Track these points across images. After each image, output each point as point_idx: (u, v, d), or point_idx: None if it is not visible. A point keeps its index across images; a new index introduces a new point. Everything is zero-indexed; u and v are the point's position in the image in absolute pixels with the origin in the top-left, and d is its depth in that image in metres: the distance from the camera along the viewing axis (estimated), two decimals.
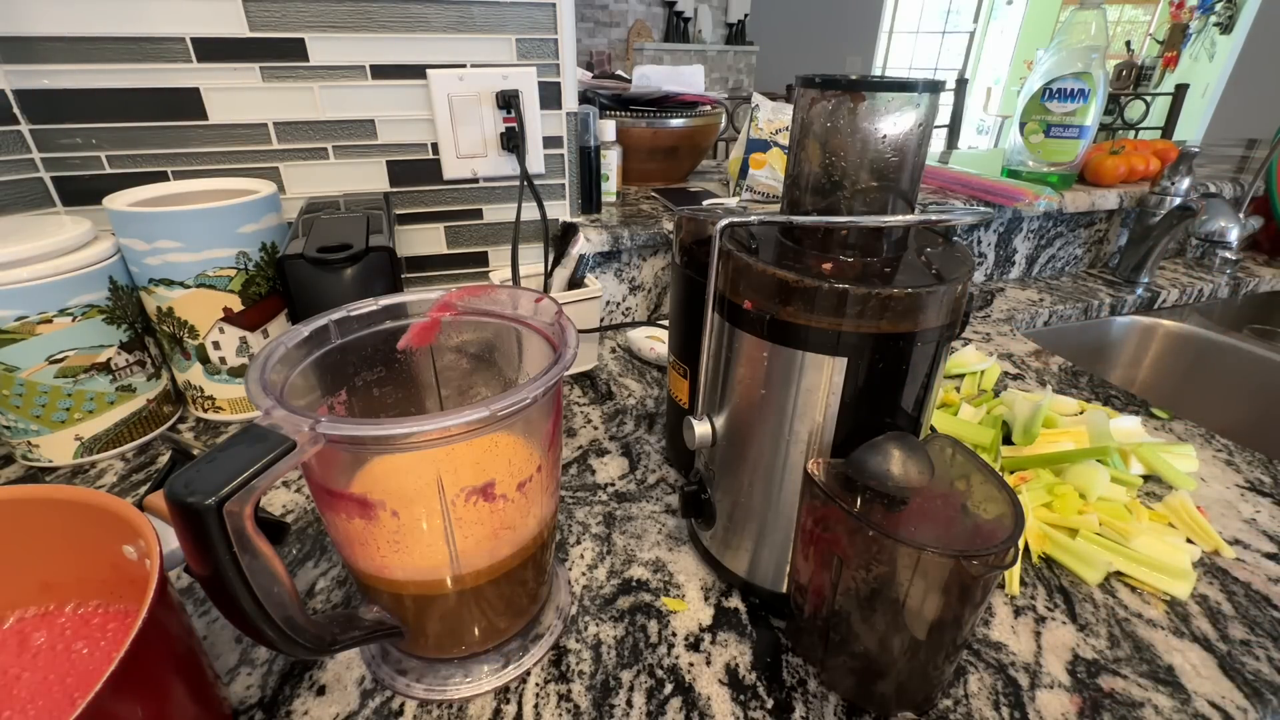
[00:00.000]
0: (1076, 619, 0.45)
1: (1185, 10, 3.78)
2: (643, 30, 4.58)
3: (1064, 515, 0.52)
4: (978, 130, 4.99)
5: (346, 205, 0.67)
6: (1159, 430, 0.67)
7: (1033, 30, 4.67)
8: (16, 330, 0.50)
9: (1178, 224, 1.00)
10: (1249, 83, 3.40)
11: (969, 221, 0.38)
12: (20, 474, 0.56)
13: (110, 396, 0.56)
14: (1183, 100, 2.32)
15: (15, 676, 0.33)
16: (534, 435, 0.37)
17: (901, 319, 0.34)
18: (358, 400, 0.40)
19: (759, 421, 0.39)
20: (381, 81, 0.69)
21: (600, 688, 0.39)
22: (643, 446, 0.63)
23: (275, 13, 0.63)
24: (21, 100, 0.60)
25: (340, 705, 0.38)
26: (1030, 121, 1.06)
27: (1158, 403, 0.73)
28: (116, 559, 0.34)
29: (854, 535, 0.34)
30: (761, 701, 0.39)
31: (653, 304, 0.93)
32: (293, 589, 0.29)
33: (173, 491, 0.24)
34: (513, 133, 0.74)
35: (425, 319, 0.40)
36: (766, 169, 1.00)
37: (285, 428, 0.27)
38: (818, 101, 0.35)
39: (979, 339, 0.90)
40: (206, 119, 0.65)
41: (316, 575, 0.47)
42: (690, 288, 0.49)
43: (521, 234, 0.78)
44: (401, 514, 0.33)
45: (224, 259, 0.57)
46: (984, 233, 1.05)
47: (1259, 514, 0.55)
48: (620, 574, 0.48)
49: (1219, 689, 0.40)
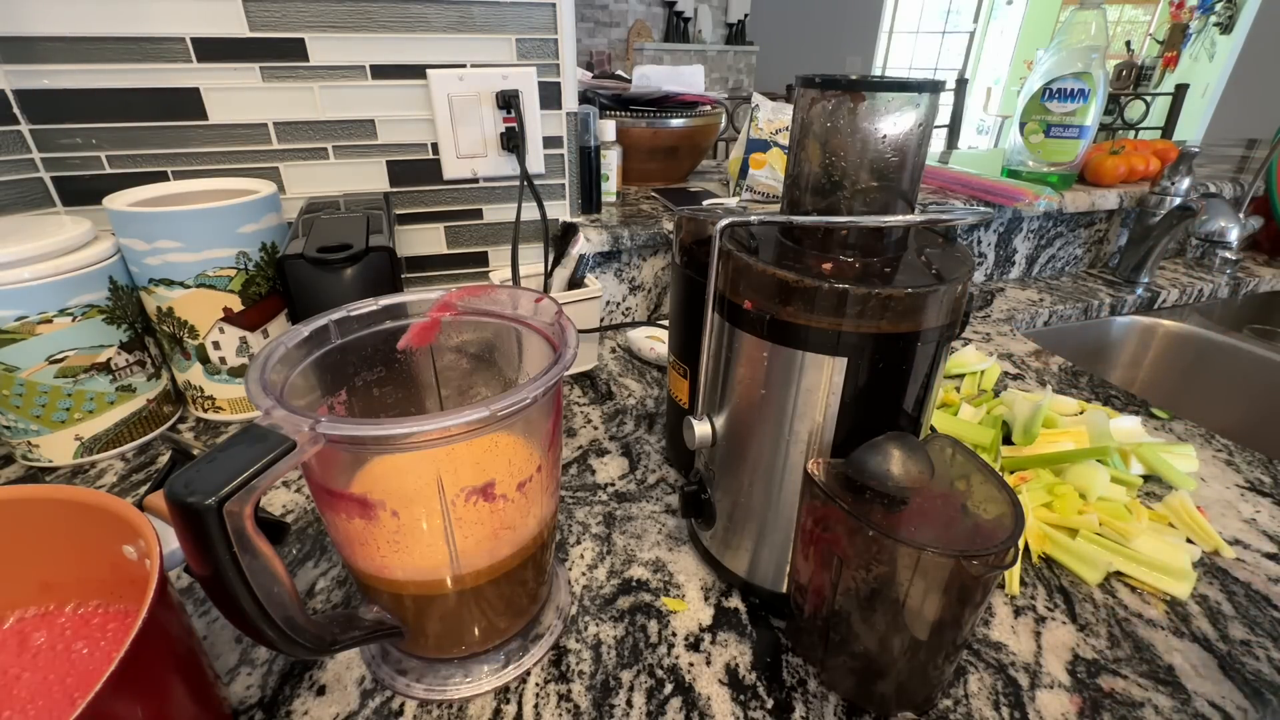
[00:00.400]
0: (1076, 619, 0.45)
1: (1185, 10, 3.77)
2: (643, 30, 4.58)
3: (1064, 515, 0.52)
4: (978, 130, 4.99)
5: (346, 205, 0.67)
6: (1159, 430, 0.67)
7: (1033, 30, 4.67)
8: (16, 330, 0.50)
9: (1178, 224, 1.00)
10: (1249, 83, 3.40)
11: (969, 221, 0.38)
12: (20, 474, 0.56)
13: (110, 396, 0.56)
14: (1183, 100, 2.32)
15: (15, 676, 0.33)
16: (534, 435, 0.37)
17: (901, 319, 0.34)
18: (358, 400, 0.40)
19: (759, 421, 0.39)
20: (381, 81, 0.69)
21: (600, 688, 0.39)
22: (643, 446, 0.63)
23: (275, 13, 0.63)
24: (21, 100, 0.60)
25: (340, 705, 0.38)
26: (1030, 121, 1.06)
27: (1158, 403, 0.73)
28: (116, 559, 0.34)
29: (854, 535, 0.34)
30: (761, 701, 0.39)
31: (653, 304, 0.93)
32: (293, 589, 0.29)
33: (173, 491, 0.24)
34: (513, 133, 0.74)
35: (425, 319, 0.40)
36: (766, 169, 1.00)
37: (285, 428, 0.27)
38: (818, 101, 0.35)
39: (979, 339, 0.90)
40: (206, 119, 0.65)
41: (316, 575, 0.47)
42: (690, 288, 0.49)
43: (521, 234, 0.78)
44: (401, 514, 0.33)
45: (224, 259, 0.57)
46: (984, 233, 1.05)
47: (1259, 514, 0.55)
48: (620, 574, 0.48)
49: (1219, 689, 0.40)
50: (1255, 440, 0.67)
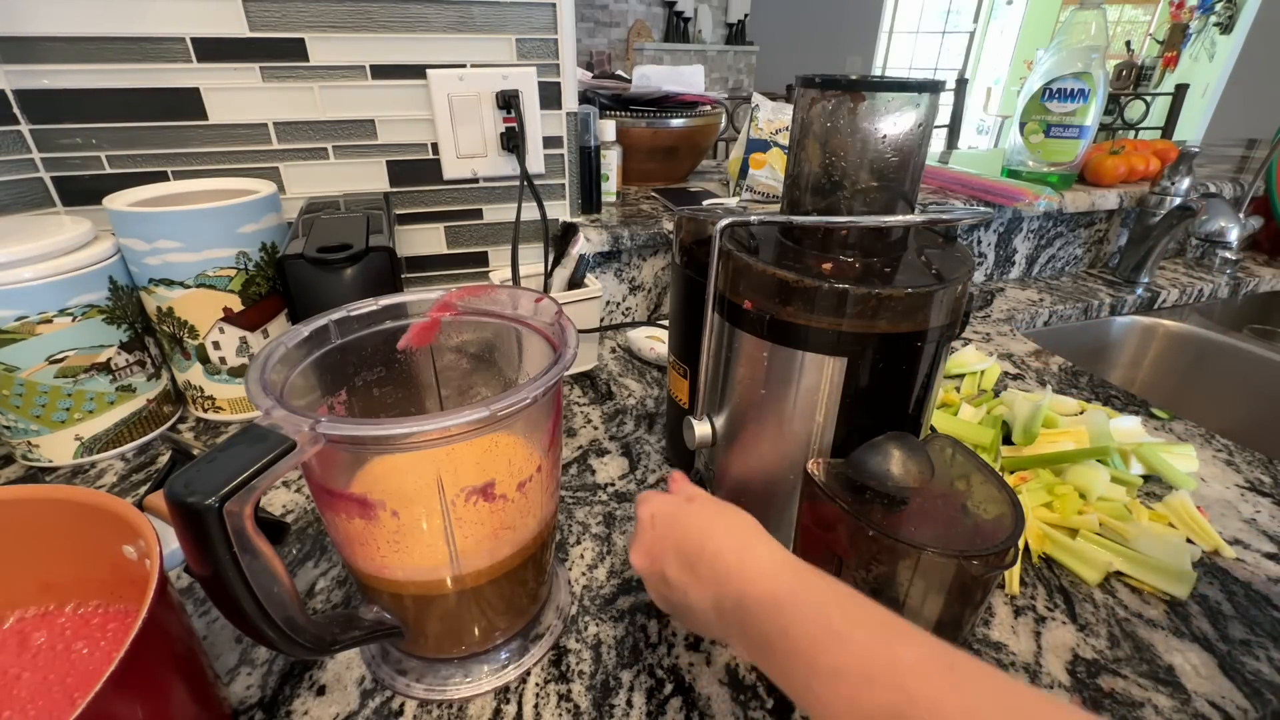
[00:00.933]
0: (1076, 619, 0.45)
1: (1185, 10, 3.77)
2: (643, 30, 4.58)
3: (1064, 515, 0.52)
4: (978, 130, 4.99)
5: (346, 205, 0.67)
6: (1159, 430, 0.67)
7: (1033, 30, 4.67)
8: (16, 330, 0.50)
9: (1178, 224, 1.00)
10: (1249, 83, 3.39)
11: (969, 221, 0.38)
12: (20, 474, 0.56)
13: (110, 396, 0.56)
14: (1183, 100, 2.32)
15: (15, 676, 0.33)
16: (534, 435, 0.37)
17: (901, 319, 0.34)
18: (358, 400, 0.40)
19: (759, 421, 0.39)
20: (381, 81, 0.69)
21: (600, 687, 0.39)
22: (643, 446, 0.63)
23: (275, 13, 0.63)
24: (21, 100, 0.60)
25: (340, 705, 0.38)
26: (1030, 121, 1.06)
27: (1158, 403, 0.73)
28: (116, 559, 0.34)
29: (854, 535, 0.34)
30: (762, 701, 0.39)
31: (653, 304, 0.93)
32: (293, 589, 0.29)
33: (173, 491, 0.24)
34: (513, 133, 0.74)
35: (425, 319, 0.40)
36: (766, 169, 1.00)
37: (285, 428, 0.27)
38: (818, 101, 0.35)
39: (979, 339, 0.90)
40: (206, 119, 0.65)
41: (316, 575, 0.47)
42: (690, 288, 0.49)
43: (521, 234, 0.78)
44: (401, 514, 0.33)
45: (224, 259, 0.57)
46: (984, 233, 1.05)
47: (1259, 514, 0.55)
48: (620, 574, 0.48)
49: (1219, 689, 0.40)
50: (1255, 440, 0.67)
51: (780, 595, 0.28)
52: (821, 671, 0.25)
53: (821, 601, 0.27)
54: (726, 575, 0.30)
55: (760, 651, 0.28)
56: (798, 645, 0.26)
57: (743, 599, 0.29)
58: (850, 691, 0.24)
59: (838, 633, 0.25)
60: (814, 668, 0.25)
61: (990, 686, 0.22)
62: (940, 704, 0.22)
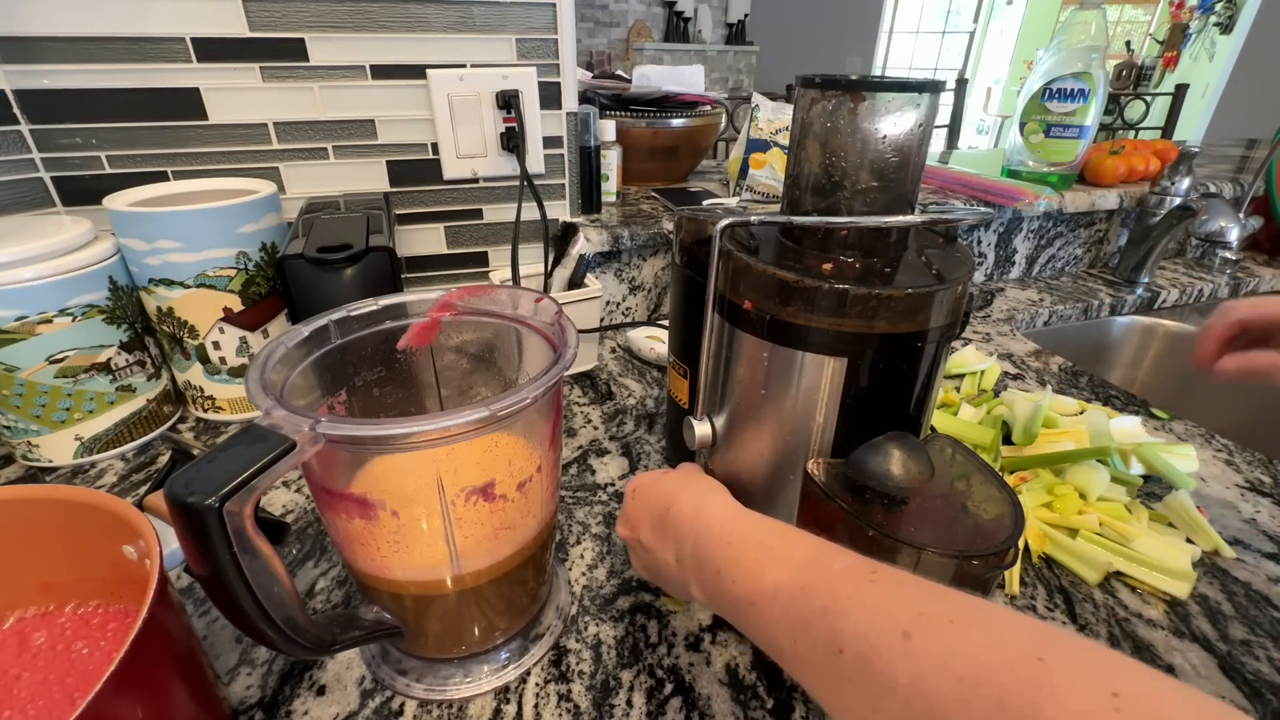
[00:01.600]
0: (1076, 619, 0.45)
1: (1185, 10, 3.77)
2: (643, 30, 4.58)
3: (1064, 515, 0.52)
4: (978, 130, 4.99)
5: (346, 205, 0.67)
6: (1159, 430, 0.67)
7: (1033, 30, 4.67)
8: (16, 330, 0.50)
9: (1178, 224, 1.00)
10: (1249, 83, 3.40)
11: (969, 222, 0.38)
12: (20, 474, 0.56)
13: (110, 396, 0.56)
14: (1183, 100, 2.32)
15: (15, 676, 0.33)
16: (534, 435, 0.37)
17: (901, 319, 0.34)
18: (358, 400, 0.40)
19: (759, 422, 0.39)
20: (381, 81, 0.69)
21: (600, 688, 0.39)
22: (643, 446, 0.63)
23: (275, 13, 0.63)
24: (21, 100, 0.60)
25: (340, 705, 0.38)
26: (1030, 121, 1.06)
27: (1158, 403, 0.73)
28: (116, 559, 0.34)
29: (854, 535, 0.34)
30: (762, 701, 0.39)
31: (653, 304, 0.93)
32: (293, 589, 0.29)
33: (173, 491, 0.24)
34: (513, 133, 0.74)
35: (425, 319, 0.40)
36: (766, 169, 1.00)
37: (285, 428, 0.27)
38: (818, 101, 0.35)
39: (979, 339, 0.90)
40: (206, 119, 0.65)
41: (316, 575, 0.47)
42: (690, 288, 0.49)
43: (521, 234, 0.78)
44: (401, 514, 0.33)
45: (224, 259, 0.57)
46: (984, 233, 1.05)
47: (1259, 514, 0.55)
48: (620, 574, 0.48)
49: (1219, 689, 0.40)
50: (1255, 440, 0.67)
51: (729, 532, 0.32)
52: (765, 590, 0.28)
53: (765, 532, 0.31)
54: (686, 527, 0.35)
55: (713, 587, 0.32)
56: (746, 573, 0.30)
57: (697, 542, 0.33)
58: (788, 602, 0.27)
59: (780, 556, 0.29)
60: (759, 588, 0.28)
61: (905, 584, 0.25)
62: (859, 599, 0.25)
